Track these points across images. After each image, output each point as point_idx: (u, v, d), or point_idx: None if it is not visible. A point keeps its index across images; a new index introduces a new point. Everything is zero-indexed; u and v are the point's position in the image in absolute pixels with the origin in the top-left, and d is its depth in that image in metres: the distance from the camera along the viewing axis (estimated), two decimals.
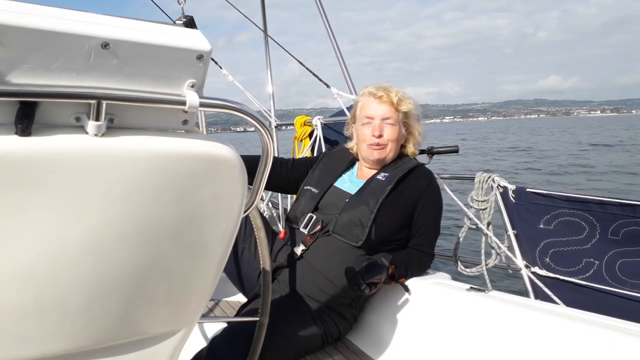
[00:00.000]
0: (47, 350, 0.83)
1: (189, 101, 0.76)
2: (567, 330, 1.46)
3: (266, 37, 3.85)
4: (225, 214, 0.88)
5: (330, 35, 3.31)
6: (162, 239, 0.82)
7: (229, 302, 2.50)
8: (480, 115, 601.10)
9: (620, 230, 2.19)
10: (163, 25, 0.76)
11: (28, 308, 0.77)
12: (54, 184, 0.69)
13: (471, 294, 1.79)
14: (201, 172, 0.80)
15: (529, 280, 2.36)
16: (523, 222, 2.45)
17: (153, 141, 0.75)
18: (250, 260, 2.09)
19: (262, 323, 1.39)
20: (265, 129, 0.89)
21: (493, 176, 2.52)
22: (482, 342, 1.63)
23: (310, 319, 1.84)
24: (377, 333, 1.96)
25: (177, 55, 0.74)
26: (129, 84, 0.72)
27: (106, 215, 0.75)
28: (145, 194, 0.76)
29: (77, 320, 0.82)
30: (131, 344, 0.93)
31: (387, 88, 2.07)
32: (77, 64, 0.68)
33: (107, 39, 0.68)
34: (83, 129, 0.71)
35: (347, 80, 3.27)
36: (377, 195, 1.95)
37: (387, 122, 2.03)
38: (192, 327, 1.01)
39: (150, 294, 0.89)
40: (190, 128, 0.82)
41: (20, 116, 0.66)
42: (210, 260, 0.93)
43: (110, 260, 0.79)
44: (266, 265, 1.33)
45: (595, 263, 2.25)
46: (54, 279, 0.76)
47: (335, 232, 1.92)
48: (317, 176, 2.17)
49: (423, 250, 2.01)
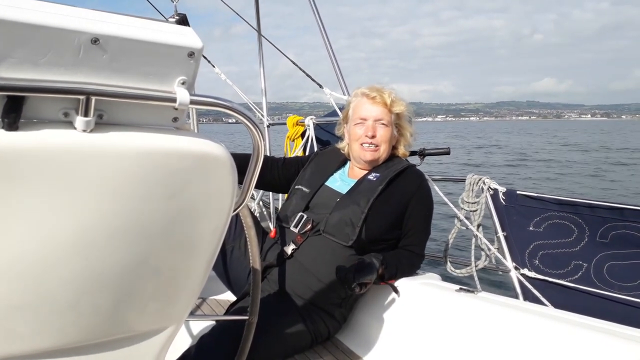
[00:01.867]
0: (34, 346, 0.82)
1: (180, 98, 0.75)
2: (555, 331, 1.47)
3: (259, 36, 3.84)
4: (215, 211, 0.87)
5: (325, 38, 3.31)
6: (152, 235, 0.82)
7: (218, 301, 2.49)
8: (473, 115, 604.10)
9: (609, 233, 2.21)
10: (154, 22, 0.75)
11: (15, 304, 0.76)
12: (41, 180, 0.69)
13: (460, 294, 1.79)
14: (191, 169, 0.79)
15: (518, 282, 2.37)
16: (513, 224, 2.46)
17: (143, 138, 0.75)
18: (240, 259, 2.09)
19: (251, 322, 1.39)
20: (256, 128, 0.88)
21: (484, 178, 2.53)
22: (470, 343, 1.64)
23: (299, 318, 1.84)
24: (367, 333, 1.97)
25: (168, 52, 0.73)
26: (119, 80, 0.72)
27: (95, 212, 0.74)
28: (135, 191, 0.76)
29: (65, 317, 0.81)
30: (119, 341, 0.93)
31: (380, 89, 2.07)
32: (66, 59, 0.67)
33: (97, 34, 0.67)
34: (71, 124, 0.71)
35: (340, 81, 3.27)
36: (368, 195, 1.95)
37: (380, 122, 2.04)
38: (180, 324, 1.01)
39: (138, 291, 0.88)
40: (180, 125, 0.81)
41: (7, 110, 0.65)
42: (199, 258, 0.92)
43: (98, 256, 0.79)
44: (256, 264, 1.32)
45: (583, 265, 2.27)
46: (42, 275, 0.75)
47: (326, 231, 1.92)
48: (309, 175, 2.17)
49: (413, 250, 2.02)
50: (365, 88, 2.10)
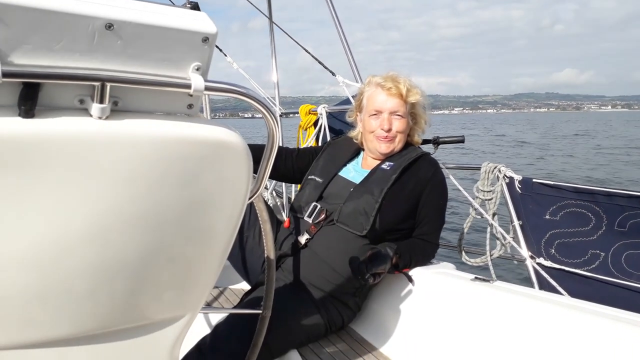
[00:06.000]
0: (50, 333, 0.82)
1: (194, 84, 0.74)
2: (573, 320, 1.45)
3: (271, 25, 3.83)
4: (230, 200, 0.87)
5: (336, 22, 3.29)
6: (167, 223, 0.82)
7: (233, 290, 2.50)
8: (490, 107, 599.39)
9: (627, 222, 2.17)
10: (168, 7, 0.74)
11: (32, 292, 0.76)
12: (57, 167, 0.68)
13: (476, 284, 1.78)
14: (206, 157, 0.79)
15: (533, 271, 2.35)
16: (529, 213, 2.43)
17: (158, 125, 0.74)
18: (254, 248, 2.09)
19: (264, 316, 1.39)
20: (271, 115, 0.88)
21: (499, 166, 2.50)
22: (486, 332, 1.62)
23: (313, 308, 1.84)
24: (381, 322, 1.96)
25: (182, 37, 0.73)
26: (134, 66, 0.71)
27: (110, 199, 0.74)
28: (150, 178, 0.75)
29: (81, 305, 0.82)
30: (135, 329, 0.93)
31: (396, 78, 2.04)
32: (81, 45, 0.67)
33: (111, 19, 0.67)
34: (87, 111, 0.70)
35: (353, 68, 3.24)
36: (381, 185, 1.94)
37: (396, 114, 2.01)
38: (196, 313, 1.01)
39: (154, 279, 0.88)
40: (195, 112, 0.81)
41: (24, 97, 0.65)
42: (215, 246, 0.92)
43: (114, 244, 0.78)
44: (271, 256, 1.32)
45: (601, 255, 2.24)
46: (58, 263, 0.76)
47: (340, 221, 1.91)
48: (322, 165, 2.16)
49: (427, 239, 2.00)
50: (380, 78, 2.07)
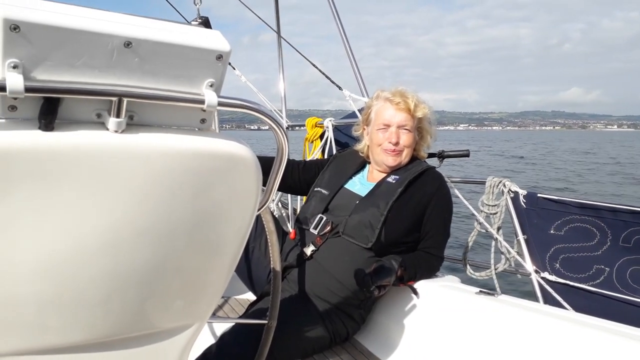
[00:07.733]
0: (65, 339, 0.85)
1: (208, 100, 0.77)
2: (577, 335, 1.45)
3: (279, 39, 3.87)
4: (240, 212, 0.89)
5: (343, 38, 3.32)
6: (178, 234, 0.84)
7: (238, 300, 2.51)
8: (496, 124, 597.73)
9: (632, 237, 2.17)
10: (184, 26, 0.77)
11: (47, 299, 0.78)
12: (75, 179, 0.71)
13: (480, 297, 1.78)
14: (218, 170, 0.81)
15: (538, 286, 2.34)
16: (533, 227, 2.44)
17: (172, 139, 0.76)
18: (260, 259, 2.10)
19: (269, 326, 1.40)
20: (281, 129, 0.90)
21: (504, 181, 2.51)
22: (490, 346, 1.63)
23: (318, 319, 1.85)
24: (385, 334, 1.97)
25: (197, 55, 0.75)
26: (150, 82, 0.74)
27: (124, 210, 0.76)
28: (163, 191, 0.78)
29: (94, 312, 0.84)
30: (145, 337, 0.95)
31: (404, 93, 2.07)
32: (100, 62, 0.70)
33: (129, 37, 0.69)
34: (104, 125, 0.73)
35: (360, 83, 3.27)
36: (387, 198, 1.95)
37: (404, 128, 2.04)
38: (204, 323, 1.03)
39: (164, 289, 0.90)
40: (207, 127, 0.83)
41: (44, 111, 0.68)
42: (223, 257, 0.94)
43: (127, 255, 0.81)
44: (277, 269, 1.34)
45: (605, 270, 2.24)
46: (73, 272, 0.78)
47: (345, 233, 1.93)
48: (328, 178, 2.18)
49: (432, 253, 2.01)
50: (388, 92, 2.10)
